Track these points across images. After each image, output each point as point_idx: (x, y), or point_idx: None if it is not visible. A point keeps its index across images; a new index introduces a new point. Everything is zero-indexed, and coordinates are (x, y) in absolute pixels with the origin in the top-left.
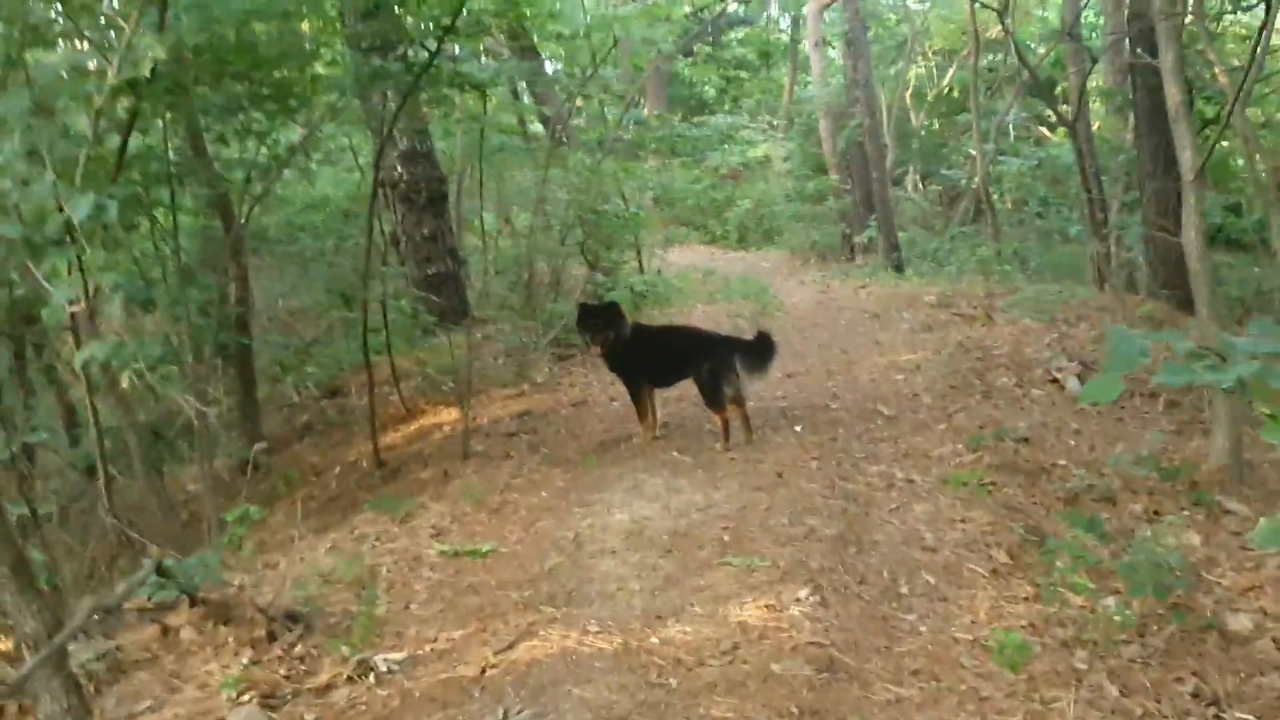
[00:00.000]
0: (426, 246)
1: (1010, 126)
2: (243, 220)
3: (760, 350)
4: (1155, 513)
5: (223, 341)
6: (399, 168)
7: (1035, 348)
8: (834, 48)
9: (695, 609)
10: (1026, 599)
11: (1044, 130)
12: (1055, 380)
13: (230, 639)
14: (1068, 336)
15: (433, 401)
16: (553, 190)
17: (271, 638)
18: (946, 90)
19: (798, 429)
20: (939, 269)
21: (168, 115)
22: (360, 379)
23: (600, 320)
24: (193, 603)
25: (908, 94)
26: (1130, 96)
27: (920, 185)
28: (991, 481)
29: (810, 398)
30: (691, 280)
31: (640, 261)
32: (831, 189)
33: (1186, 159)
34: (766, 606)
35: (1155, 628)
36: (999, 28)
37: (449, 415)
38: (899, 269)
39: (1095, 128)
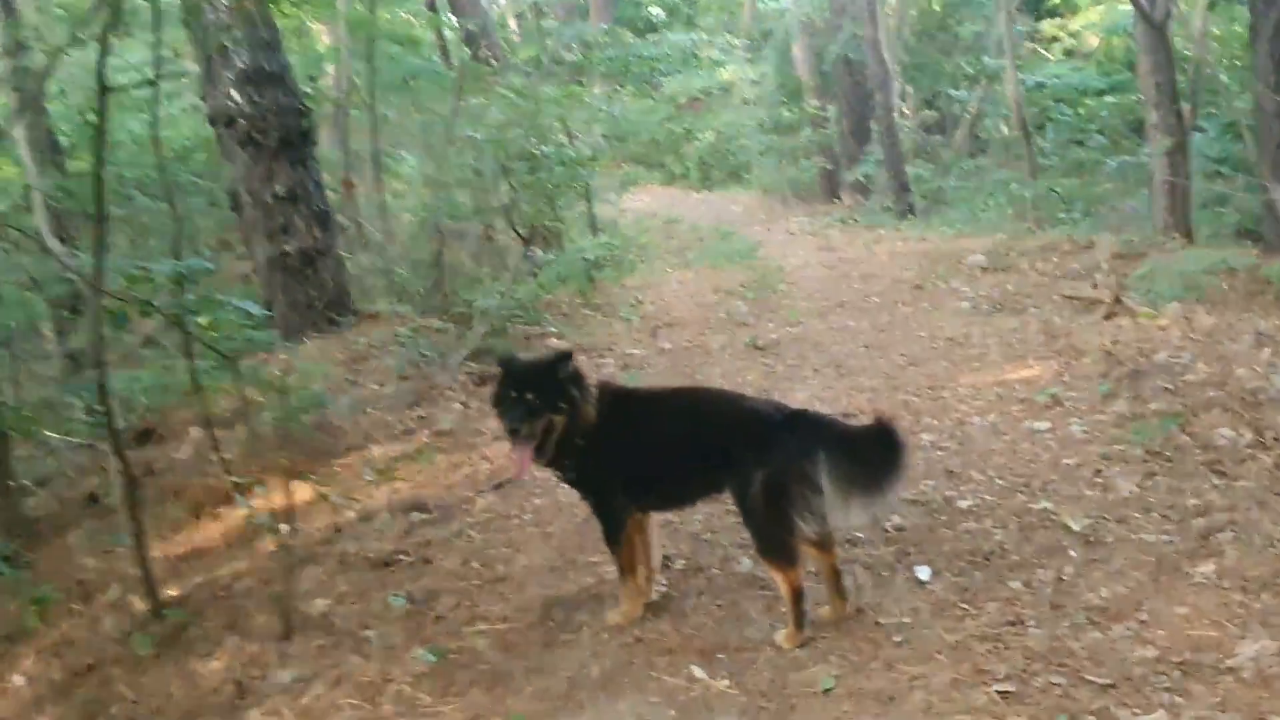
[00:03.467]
0: (281, 210)
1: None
2: None
3: (873, 451)
4: None
5: None
6: (236, 95)
7: (1245, 362)
8: None
9: None
10: None
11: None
12: None
13: None
14: None
15: (274, 464)
16: (475, 126)
17: None
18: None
19: (923, 576)
20: (952, 213)
21: None
22: (181, 416)
23: (541, 391)
24: None
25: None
26: None
27: (909, 109)
28: None
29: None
30: (653, 232)
31: (592, 216)
32: (809, 118)
33: None
34: None
35: None
36: None
37: (305, 492)
38: (907, 215)
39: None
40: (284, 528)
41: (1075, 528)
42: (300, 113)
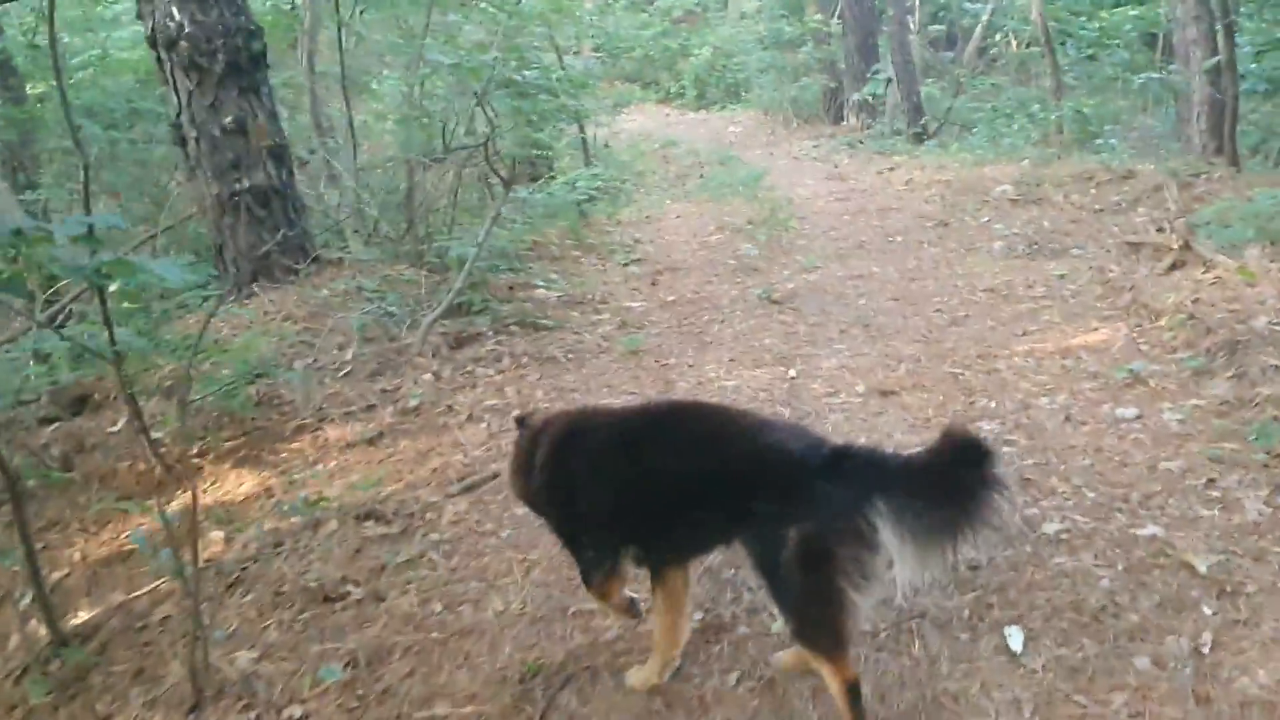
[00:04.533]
0: (230, 144)
1: None
2: None
3: (951, 484)
4: None
5: None
6: (176, 13)
7: None
8: None
9: None
10: None
11: None
12: None
13: None
14: None
15: (220, 445)
16: (448, 47)
17: None
18: None
19: (1015, 644)
20: (969, 137)
21: None
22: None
23: None
24: None
25: None
26: None
27: (914, 23)
28: None
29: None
30: (649, 157)
31: (585, 144)
32: (812, 33)
33: None
34: None
35: None
36: None
37: (246, 482)
38: (923, 139)
39: None
40: (186, 561)
41: (1202, 569)
42: (251, 32)
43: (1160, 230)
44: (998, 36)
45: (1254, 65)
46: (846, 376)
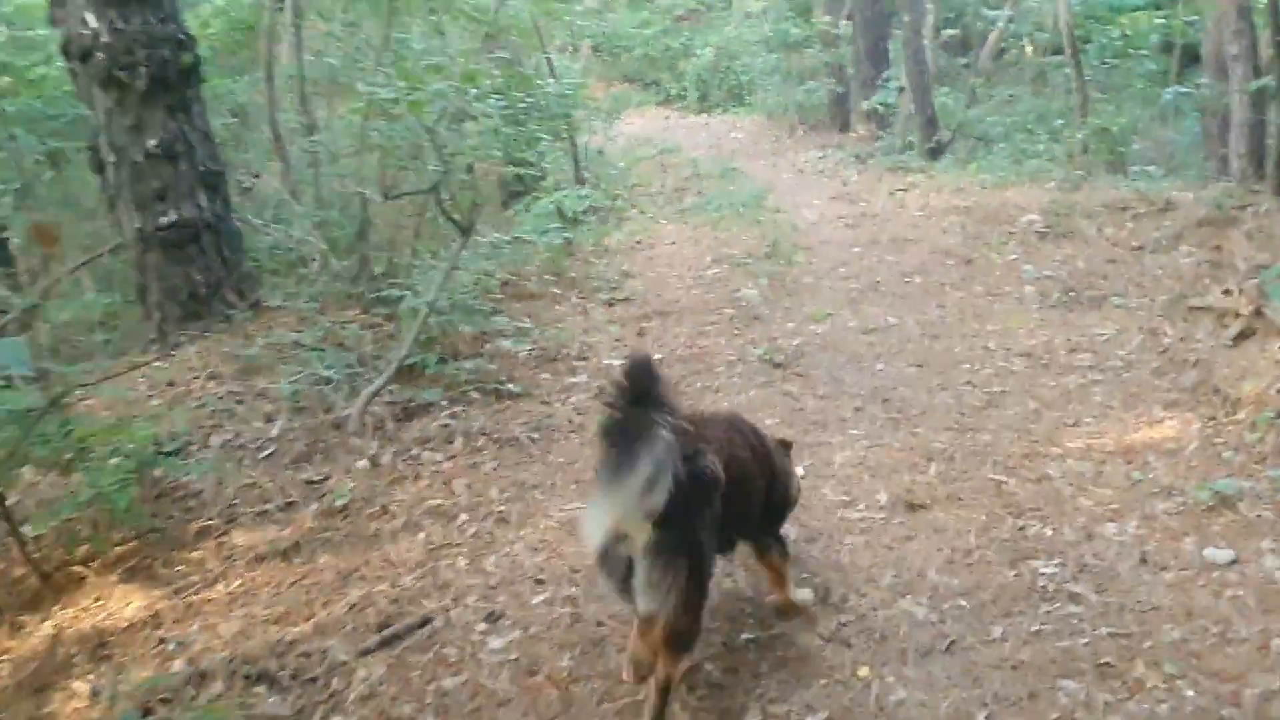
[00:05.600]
0: (154, 171)
1: None
2: None
3: None
4: None
5: None
6: (91, 19)
7: None
8: None
9: None
10: None
11: None
12: None
13: None
14: None
15: (108, 550)
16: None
17: None
18: None
19: None
20: (984, 151)
21: None
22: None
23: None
24: None
25: None
26: None
27: (928, 28)
28: None
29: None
30: (645, 165)
31: (576, 162)
32: (819, 35)
33: None
34: None
35: None
36: None
37: (134, 601)
38: (939, 155)
39: None
40: None
41: None
42: (181, 43)
43: (1227, 292)
44: (1014, 42)
45: None
46: (865, 478)
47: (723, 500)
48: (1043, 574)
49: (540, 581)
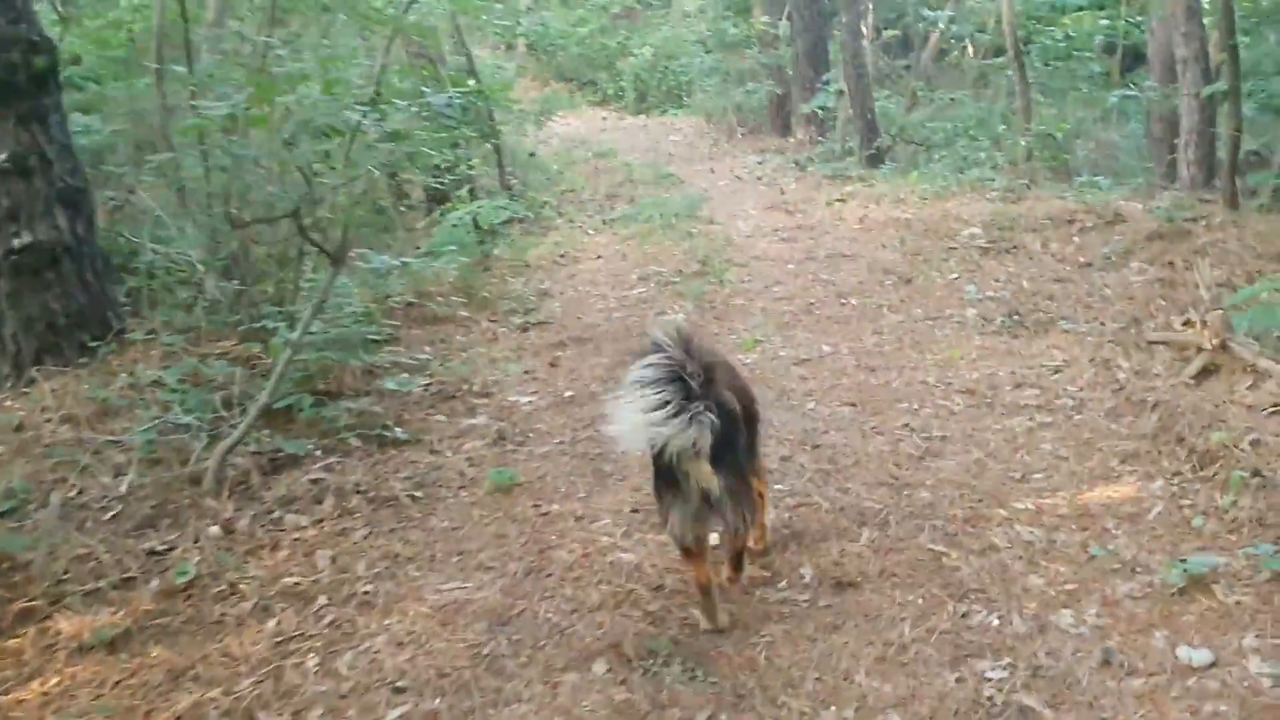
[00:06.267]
0: (4, 188)
1: None
2: None
3: None
4: None
5: None
6: None
7: None
8: None
9: None
10: None
11: None
12: None
13: None
14: None
15: None
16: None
17: None
18: None
19: None
20: (925, 158)
21: None
22: None
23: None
24: None
25: None
26: None
27: (868, 29)
28: None
29: None
30: (578, 168)
31: (501, 167)
32: (759, 35)
33: None
34: None
35: None
36: None
37: None
38: (879, 162)
39: None
40: None
41: None
42: (34, 45)
43: (1188, 323)
44: (956, 44)
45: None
46: (790, 547)
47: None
48: (989, 679)
49: (400, 690)
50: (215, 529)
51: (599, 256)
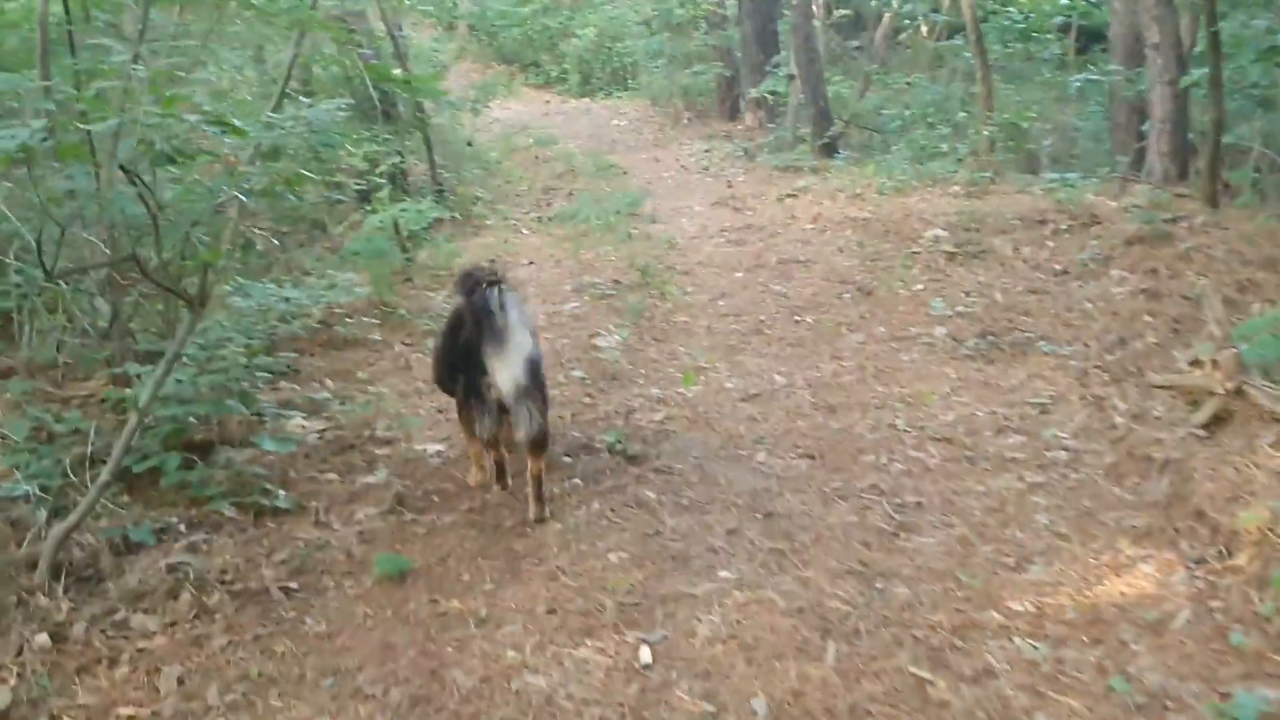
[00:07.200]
0: None
1: None
2: None
3: None
4: None
5: None
6: None
7: None
8: None
9: None
10: None
11: None
12: None
13: None
14: None
15: None
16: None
17: None
18: None
19: None
20: (879, 146)
21: None
22: None
23: None
24: None
25: None
26: None
27: (818, 7)
28: None
29: None
30: (518, 158)
31: (432, 161)
32: (705, 15)
33: None
34: None
35: None
36: None
37: None
38: (833, 153)
39: None
40: None
41: None
42: None
43: (1195, 363)
44: (910, 24)
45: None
46: (738, 668)
47: None
48: None
49: None
50: (43, 638)
51: (531, 263)
